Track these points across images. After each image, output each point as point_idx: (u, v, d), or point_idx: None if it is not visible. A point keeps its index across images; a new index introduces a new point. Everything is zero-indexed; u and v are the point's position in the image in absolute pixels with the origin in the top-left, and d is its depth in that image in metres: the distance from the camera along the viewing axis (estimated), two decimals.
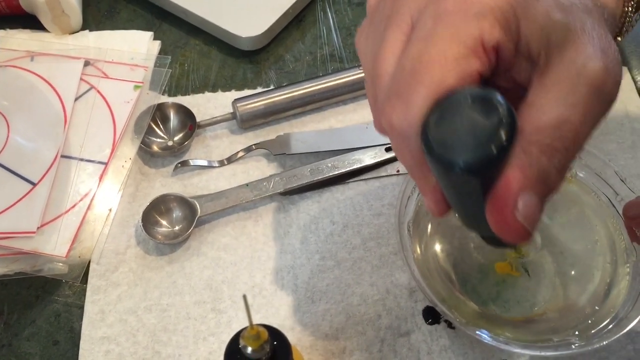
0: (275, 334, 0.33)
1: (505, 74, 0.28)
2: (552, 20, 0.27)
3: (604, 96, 0.27)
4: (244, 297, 0.27)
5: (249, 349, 0.30)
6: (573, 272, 0.43)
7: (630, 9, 0.36)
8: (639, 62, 0.58)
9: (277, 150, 0.52)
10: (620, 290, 0.41)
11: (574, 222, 0.45)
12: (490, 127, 0.24)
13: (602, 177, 0.45)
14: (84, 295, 0.46)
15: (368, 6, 0.32)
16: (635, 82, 0.56)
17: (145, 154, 0.52)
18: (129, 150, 0.51)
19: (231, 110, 0.54)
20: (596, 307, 0.41)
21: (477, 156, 0.24)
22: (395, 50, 0.28)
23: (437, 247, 0.44)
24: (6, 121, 0.52)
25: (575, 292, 0.42)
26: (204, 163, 0.52)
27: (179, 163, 0.51)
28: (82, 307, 0.45)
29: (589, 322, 0.40)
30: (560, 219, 0.45)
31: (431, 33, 0.27)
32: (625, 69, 0.57)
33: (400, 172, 0.51)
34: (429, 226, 0.45)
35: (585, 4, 0.29)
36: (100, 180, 0.50)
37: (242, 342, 0.30)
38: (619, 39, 0.37)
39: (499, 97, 0.25)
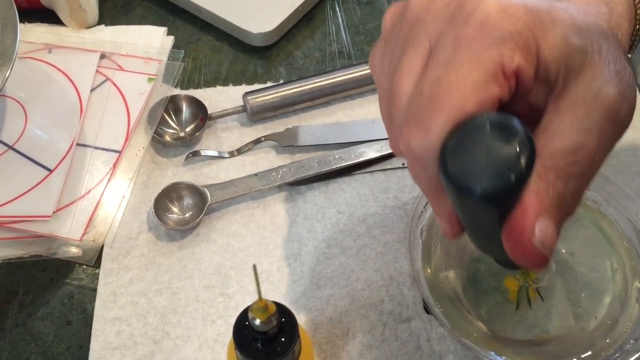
0: (283, 311, 0.34)
1: (522, 99, 0.28)
2: (570, 44, 0.26)
3: (618, 121, 0.27)
4: (254, 267, 0.28)
5: (257, 321, 0.31)
6: (583, 295, 0.43)
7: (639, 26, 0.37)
8: None
9: (286, 143, 0.53)
10: (630, 317, 0.41)
11: (586, 246, 0.45)
12: (510, 156, 0.24)
13: (618, 201, 0.44)
14: (97, 278, 0.47)
15: (383, 27, 0.32)
16: (638, 86, 0.57)
17: (158, 144, 0.54)
18: (142, 139, 0.53)
19: (242, 103, 0.55)
20: (605, 333, 0.41)
21: (497, 185, 0.24)
22: (413, 74, 0.28)
23: (447, 266, 0.44)
24: (24, 110, 0.54)
25: (585, 316, 0.42)
26: (215, 153, 0.53)
27: (190, 153, 0.53)
28: (94, 290, 0.47)
29: (596, 348, 0.40)
30: (572, 243, 0.45)
31: (451, 58, 0.26)
32: None
33: (406, 165, 0.52)
34: (439, 245, 0.45)
35: (600, 26, 0.29)
36: (114, 168, 0.51)
37: (250, 315, 0.31)
38: (629, 55, 0.38)
39: (518, 124, 0.25)
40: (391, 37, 0.31)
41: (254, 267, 0.28)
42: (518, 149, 0.24)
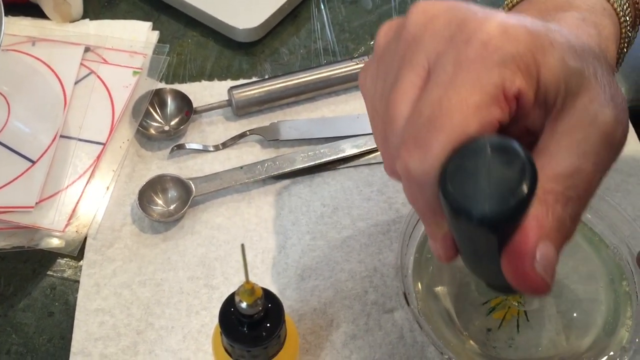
0: (269, 296, 0.34)
1: (520, 121, 0.28)
2: (569, 67, 0.27)
3: (614, 145, 0.27)
4: (242, 246, 0.28)
5: (244, 304, 0.31)
6: (575, 315, 0.43)
7: (623, 46, 0.37)
8: (622, 76, 0.61)
9: (271, 137, 0.54)
10: (621, 338, 0.41)
11: (578, 264, 0.45)
12: (512, 181, 0.24)
13: (608, 220, 0.45)
14: (79, 270, 0.47)
15: (377, 45, 0.32)
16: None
17: (143, 137, 0.54)
18: (126, 132, 0.53)
19: (227, 98, 0.55)
20: (598, 353, 0.41)
21: (499, 209, 0.24)
22: (411, 94, 0.28)
23: (438, 285, 0.44)
24: (6, 101, 0.53)
25: (577, 336, 0.42)
26: (200, 147, 0.53)
27: (175, 146, 0.53)
28: (77, 282, 0.47)
29: None
30: (565, 261, 0.43)
31: (452, 79, 0.26)
32: None
33: None
34: (431, 265, 0.44)
35: (593, 49, 0.29)
36: (98, 160, 0.51)
37: (237, 298, 0.31)
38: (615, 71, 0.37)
39: (519, 148, 0.24)
40: (385, 55, 0.30)
41: (242, 247, 0.28)
42: (520, 174, 0.24)
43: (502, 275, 0.27)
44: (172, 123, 0.54)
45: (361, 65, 0.57)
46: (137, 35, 0.60)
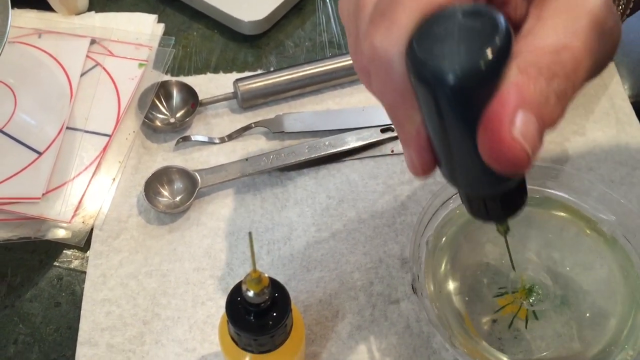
0: (276, 285, 0.34)
1: (500, 9, 0.26)
2: None
3: (605, 33, 0.25)
4: (250, 234, 0.28)
5: (251, 292, 0.31)
6: (588, 315, 0.42)
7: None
8: (627, 72, 0.61)
9: (276, 129, 0.54)
10: (636, 341, 0.41)
11: (591, 267, 0.44)
12: (484, 34, 0.23)
13: (621, 220, 0.44)
14: (86, 261, 0.47)
15: None
16: (623, 88, 0.58)
17: (148, 129, 0.54)
18: (132, 124, 0.53)
19: (232, 90, 0.55)
20: (612, 355, 0.41)
21: (470, 65, 0.22)
22: None
23: (450, 285, 0.44)
24: (13, 93, 0.53)
25: (589, 337, 0.41)
26: (205, 139, 0.53)
27: (181, 138, 0.53)
28: (83, 272, 0.47)
29: None
30: (577, 264, 0.45)
31: None
32: (615, 70, 0.59)
33: (395, 152, 0.53)
34: (443, 264, 0.44)
35: None
36: (104, 151, 0.51)
37: (244, 287, 0.32)
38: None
39: (491, 8, 0.23)
40: None
41: (250, 235, 0.28)
42: (492, 27, 0.22)
43: (484, 173, 0.25)
44: (178, 115, 0.54)
45: None
46: (142, 28, 0.60)
